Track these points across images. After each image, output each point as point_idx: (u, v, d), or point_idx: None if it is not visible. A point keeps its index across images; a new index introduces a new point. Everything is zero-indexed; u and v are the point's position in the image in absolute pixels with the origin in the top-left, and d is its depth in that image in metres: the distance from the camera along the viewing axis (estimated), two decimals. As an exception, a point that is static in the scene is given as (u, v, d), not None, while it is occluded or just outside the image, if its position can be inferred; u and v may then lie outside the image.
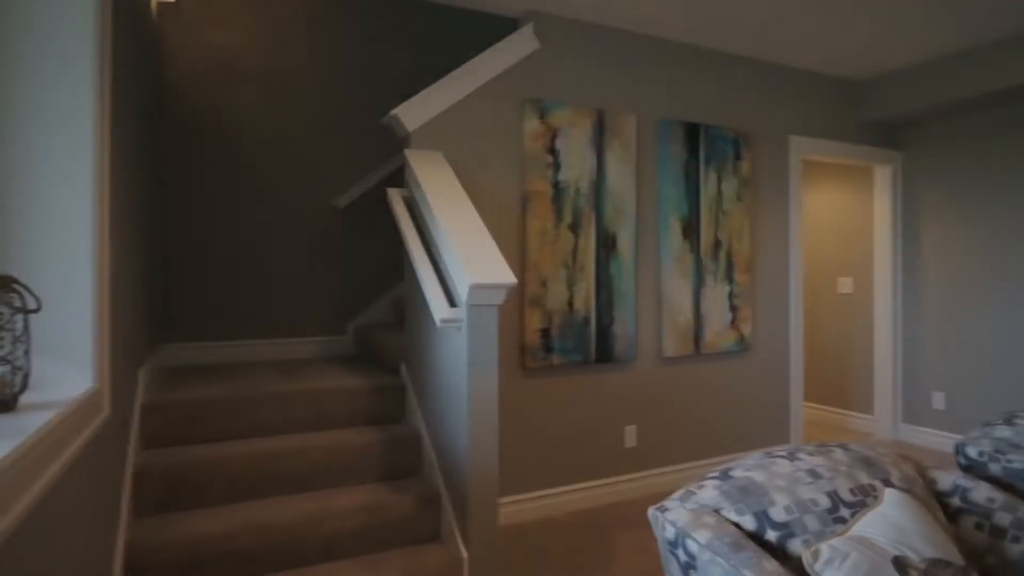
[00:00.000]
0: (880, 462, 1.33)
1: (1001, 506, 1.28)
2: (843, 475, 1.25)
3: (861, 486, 1.24)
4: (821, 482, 1.22)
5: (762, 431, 3.78)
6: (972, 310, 3.95)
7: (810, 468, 1.26)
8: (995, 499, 1.30)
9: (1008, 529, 1.25)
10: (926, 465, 1.44)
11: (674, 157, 3.43)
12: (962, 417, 4.00)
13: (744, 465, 1.29)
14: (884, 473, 1.30)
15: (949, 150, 4.08)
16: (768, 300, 3.80)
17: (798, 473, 1.24)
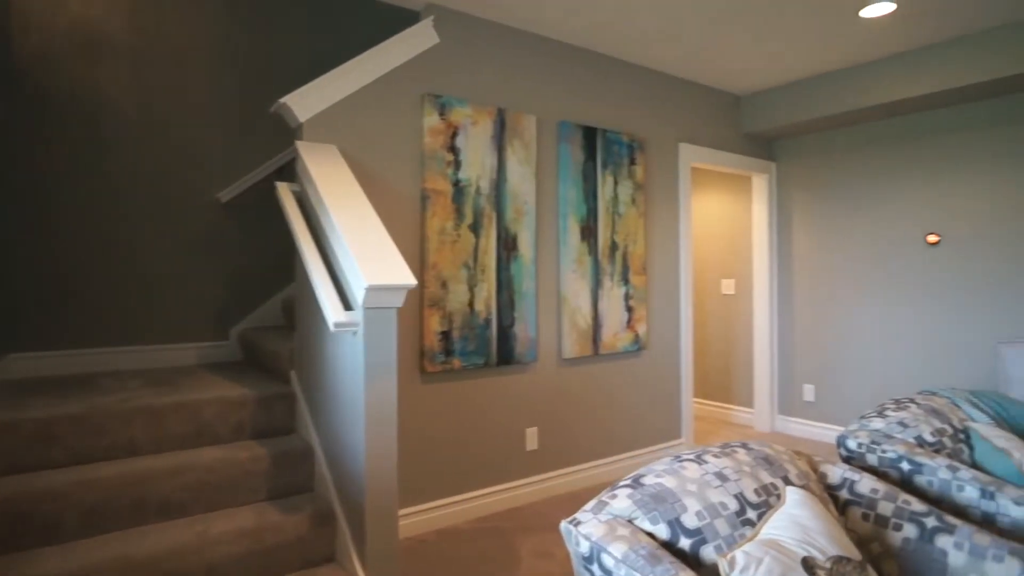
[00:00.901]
0: (778, 460, 1.38)
1: (883, 496, 1.37)
2: (747, 475, 1.28)
3: (764, 486, 1.27)
4: (728, 484, 1.24)
5: (656, 428, 3.92)
6: (836, 308, 4.34)
7: (717, 471, 1.27)
8: (878, 490, 1.39)
9: (890, 518, 1.33)
10: (817, 460, 1.52)
11: (573, 159, 3.47)
12: (829, 407, 4.38)
13: (654, 471, 1.29)
14: (783, 471, 1.34)
15: (816, 162, 4.45)
16: (661, 301, 3.95)
17: (706, 476, 1.25)
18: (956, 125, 3.73)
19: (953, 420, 1.83)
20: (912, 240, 3.93)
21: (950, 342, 3.76)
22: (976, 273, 3.65)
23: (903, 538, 1.29)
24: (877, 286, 4.10)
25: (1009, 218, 3.52)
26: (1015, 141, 3.49)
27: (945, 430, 1.76)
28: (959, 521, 1.27)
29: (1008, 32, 3.15)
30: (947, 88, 3.39)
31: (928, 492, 1.55)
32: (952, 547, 1.23)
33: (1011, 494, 1.43)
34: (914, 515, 1.31)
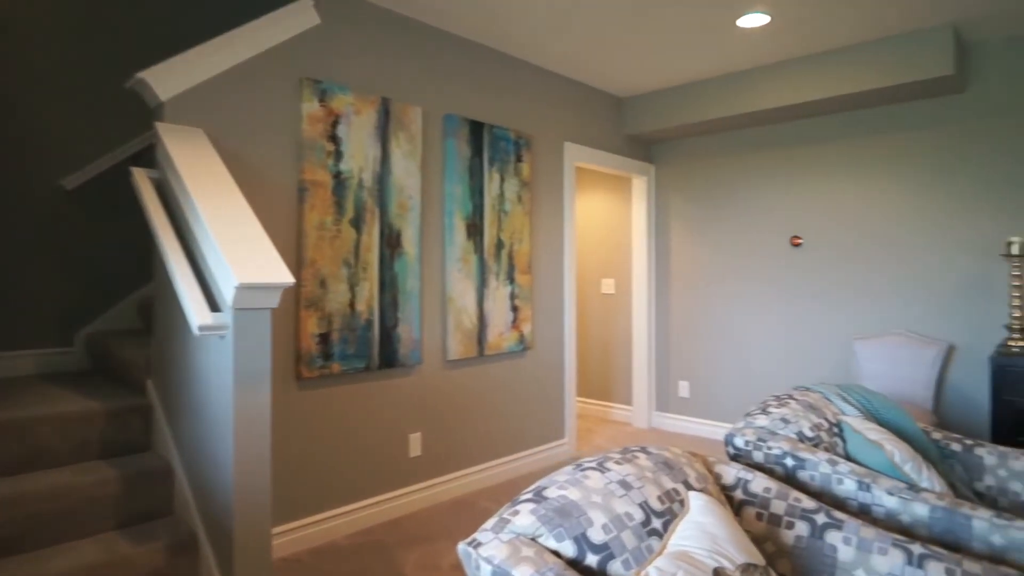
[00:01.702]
0: (678, 463, 1.35)
1: (776, 495, 1.40)
2: (650, 482, 1.24)
3: (667, 492, 1.24)
4: (633, 492, 1.19)
5: (541, 429, 3.91)
6: (710, 308, 4.59)
7: (620, 479, 1.22)
8: (771, 488, 1.41)
9: (783, 516, 1.36)
10: (711, 461, 1.52)
11: (459, 154, 3.35)
12: (703, 403, 4.62)
13: (557, 482, 1.20)
14: (683, 475, 1.32)
15: (692, 166, 4.68)
16: (546, 301, 3.95)
17: (611, 485, 1.19)
18: (818, 135, 4.07)
19: (827, 414, 1.93)
20: (778, 242, 4.24)
21: (813, 338, 4.10)
22: (834, 274, 4.01)
23: (795, 536, 1.32)
24: (747, 286, 4.39)
25: (862, 223, 3.89)
26: (867, 152, 3.86)
27: (822, 425, 1.86)
28: (846, 516, 1.32)
29: (871, 49, 3.47)
30: (813, 99, 3.67)
31: (810, 486, 1.61)
32: (841, 542, 1.27)
33: (884, 485, 1.52)
34: (805, 512, 1.34)
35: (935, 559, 1.17)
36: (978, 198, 3.47)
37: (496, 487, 3.50)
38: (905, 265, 3.71)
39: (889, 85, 3.38)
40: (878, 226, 3.80)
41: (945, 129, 3.57)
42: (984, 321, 3.45)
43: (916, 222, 3.67)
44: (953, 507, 1.42)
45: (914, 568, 1.17)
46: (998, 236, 3.41)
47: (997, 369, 3.07)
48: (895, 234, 3.74)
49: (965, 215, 3.51)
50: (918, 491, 1.49)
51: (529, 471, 3.78)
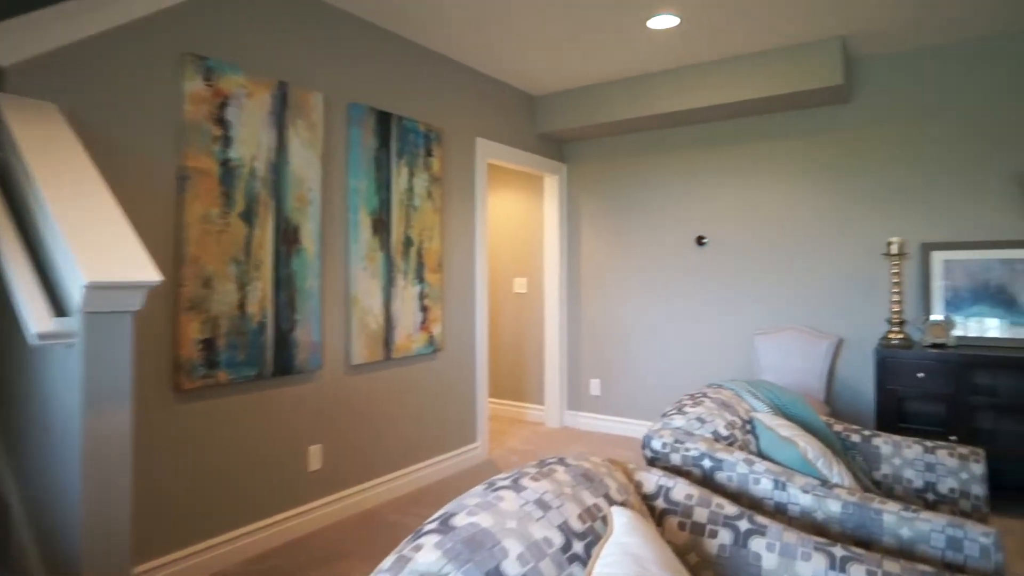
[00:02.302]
0: (598, 475, 1.26)
1: (698, 502, 1.34)
2: (570, 499, 1.13)
3: (588, 508, 1.14)
4: (551, 513, 1.08)
5: (453, 433, 3.77)
6: (620, 306, 4.62)
7: (538, 498, 1.10)
8: (692, 495, 1.35)
9: (706, 524, 1.30)
10: (631, 468, 1.45)
11: (365, 146, 3.15)
12: (614, 400, 4.65)
13: (466, 507, 1.07)
14: (604, 487, 1.23)
15: (603, 166, 4.69)
16: (457, 300, 3.81)
17: (527, 507, 1.07)
18: (721, 139, 4.18)
19: (740, 412, 1.93)
20: (684, 242, 4.33)
21: (717, 334, 4.21)
22: (736, 272, 4.14)
23: (719, 545, 1.26)
24: (655, 284, 4.45)
25: (761, 224, 4.03)
26: (765, 156, 4.01)
27: (735, 422, 1.84)
28: (768, 520, 1.28)
29: (770, 57, 3.58)
30: (717, 103, 3.76)
31: (728, 487, 1.58)
32: (765, 549, 1.22)
33: (799, 483, 1.51)
34: (728, 519, 1.29)
35: (857, 561, 1.15)
36: (863, 202, 3.69)
37: (406, 497, 3.32)
38: (800, 264, 3.88)
39: (786, 92, 3.51)
40: (775, 227, 3.96)
41: (834, 137, 3.77)
42: (868, 316, 3.67)
43: (809, 224, 3.85)
44: (864, 503, 1.42)
45: (837, 572, 1.14)
46: (881, 237, 3.64)
47: (881, 360, 3.26)
48: (790, 235, 3.91)
49: (851, 218, 3.72)
50: (831, 487, 1.49)
51: (441, 478, 3.63)
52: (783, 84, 3.52)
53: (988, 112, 3.35)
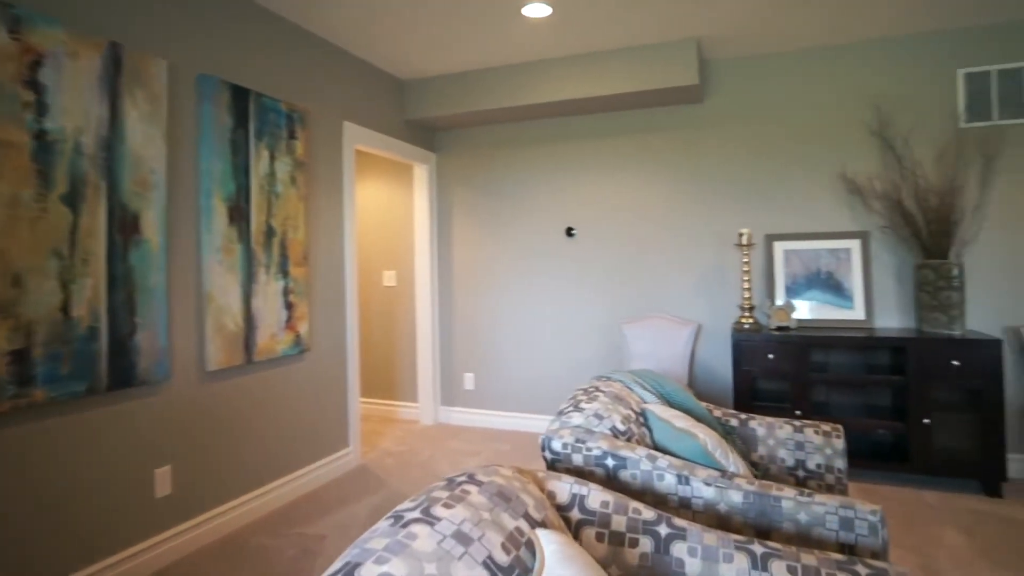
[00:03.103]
0: (513, 491, 1.17)
1: (615, 509, 1.30)
2: (490, 526, 1.03)
3: (510, 535, 1.04)
4: (473, 548, 0.96)
5: (323, 439, 3.50)
6: (493, 298, 4.58)
7: (455, 530, 0.98)
8: (608, 502, 1.31)
9: (626, 533, 1.26)
10: (541, 477, 1.37)
11: (219, 124, 2.78)
12: (488, 394, 4.61)
13: (374, 554, 0.90)
14: (522, 505, 1.14)
15: (475, 156, 4.60)
16: (325, 295, 3.53)
17: (445, 544, 0.94)
18: (590, 131, 4.26)
19: (632, 404, 1.94)
20: (555, 233, 4.38)
21: (588, 323, 4.32)
22: (605, 263, 4.26)
23: (640, 554, 1.23)
24: (527, 275, 4.46)
25: (627, 215, 4.17)
26: (630, 150, 4.15)
27: (630, 416, 1.85)
28: (686, 522, 1.27)
29: (635, 54, 3.68)
30: (587, 96, 3.82)
31: (632, 485, 1.57)
32: (687, 554, 1.21)
33: (701, 476, 1.53)
34: (647, 525, 1.26)
35: (777, 557, 1.17)
36: (717, 195, 3.96)
37: (273, 515, 3.02)
38: (662, 254, 4.09)
39: (648, 89, 3.66)
40: (640, 219, 4.14)
41: (690, 135, 4.00)
42: (723, 302, 3.96)
43: (670, 216, 4.07)
44: (763, 491, 1.48)
45: (759, 571, 1.16)
46: (732, 229, 3.93)
47: (737, 344, 3.52)
48: (654, 226, 4.10)
49: (707, 211, 3.98)
50: (731, 478, 1.53)
51: (312, 489, 3.36)
52: (646, 81, 3.65)
53: (819, 116, 3.73)
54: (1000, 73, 3.40)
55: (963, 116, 3.46)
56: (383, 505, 3.13)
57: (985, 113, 3.42)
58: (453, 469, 3.64)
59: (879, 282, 3.66)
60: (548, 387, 4.43)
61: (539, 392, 4.46)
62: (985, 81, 3.42)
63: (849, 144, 3.68)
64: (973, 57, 3.44)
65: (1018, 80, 3.37)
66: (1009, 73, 3.38)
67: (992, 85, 3.40)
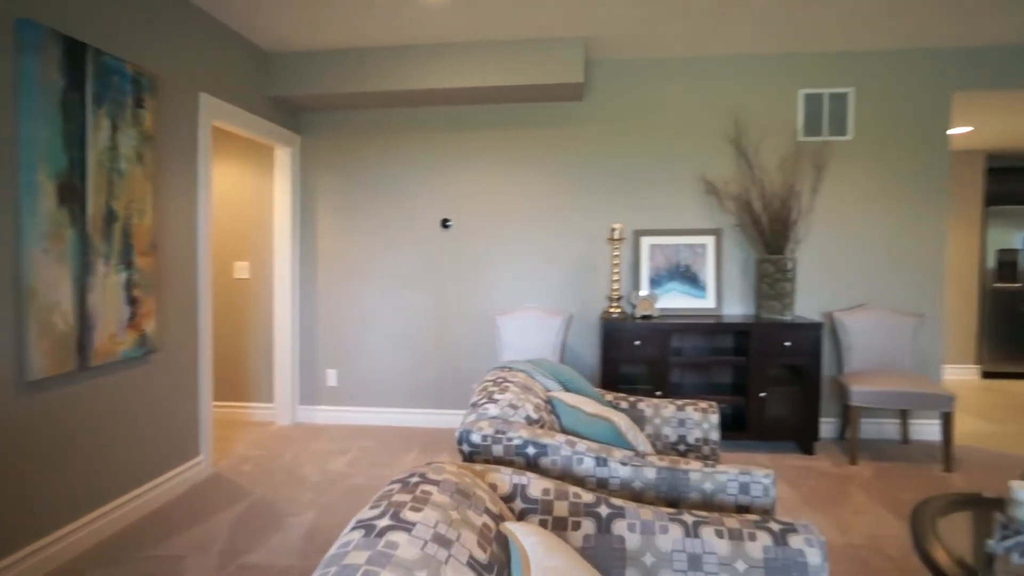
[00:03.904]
0: (468, 488, 1.12)
1: (556, 495, 1.30)
2: (462, 524, 0.98)
3: (482, 531, 1.00)
4: (455, 549, 0.91)
5: (171, 449, 3.12)
6: (361, 290, 4.38)
7: (433, 534, 0.91)
8: (549, 489, 1.31)
9: (568, 518, 1.26)
10: (480, 470, 1.33)
11: (47, 83, 2.34)
12: (353, 389, 4.40)
13: (359, 570, 0.80)
14: (481, 501, 1.09)
15: (346, 141, 4.36)
16: (175, 290, 3.14)
17: (429, 549, 0.88)
18: (470, 122, 4.23)
19: (539, 393, 1.96)
20: (431, 224, 4.29)
21: (463, 315, 4.29)
22: (480, 254, 4.26)
23: (584, 536, 1.24)
24: (400, 267, 4.33)
25: (502, 208, 4.21)
26: (509, 143, 4.19)
27: (540, 405, 1.86)
28: (622, 501, 1.30)
29: (526, 47, 3.71)
30: (472, 86, 3.78)
31: (552, 472, 1.59)
32: (627, 531, 1.24)
33: (617, 456, 1.59)
34: (588, 508, 1.28)
35: (705, 524, 1.25)
36: (590, 191, 4.14)
37: (115, 539, 2.63)
38: (537, 247, 4.20)
39: (536, 83, 3.72)
40: (516, 212, 4.20)
41: (569, 131, 4.15)
42: (592, 293, 4.16)
43: (546, 210, 4.18)
44: (674, 466, 1.57)
45: (692, 538, 1.22)
46: (604, 224, 4.14)
47: (606, 332, 3.72)
48: (529, 219, 4.19)
49: (581, 206, 4.15)
50: (644, 456, 1.60)
51: (159, 505, 2.98)
52: (534, 75, 3.71)
53: (685, 122, 4.05)
54: (831, 96, 3.94)
55: (801, 131, 3.97)
56: (248, 516, 2.86)
57: (817, 129, 3.95)
58: (321, 471, 3.43)
59: (728, 274, 4.07)
60: (419, 380, 4.34)
61: (409, 385, 4.36)
62: (819, 102, 3.95)
63: (709, 149, 4.05)
64: (811, 80, 3.95)
65: (843, 103, 3.94)
66: (837, 96, 3.94)
67: (824, 106, 3.94)
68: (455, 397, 4.33)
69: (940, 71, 3.87)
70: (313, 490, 3.17)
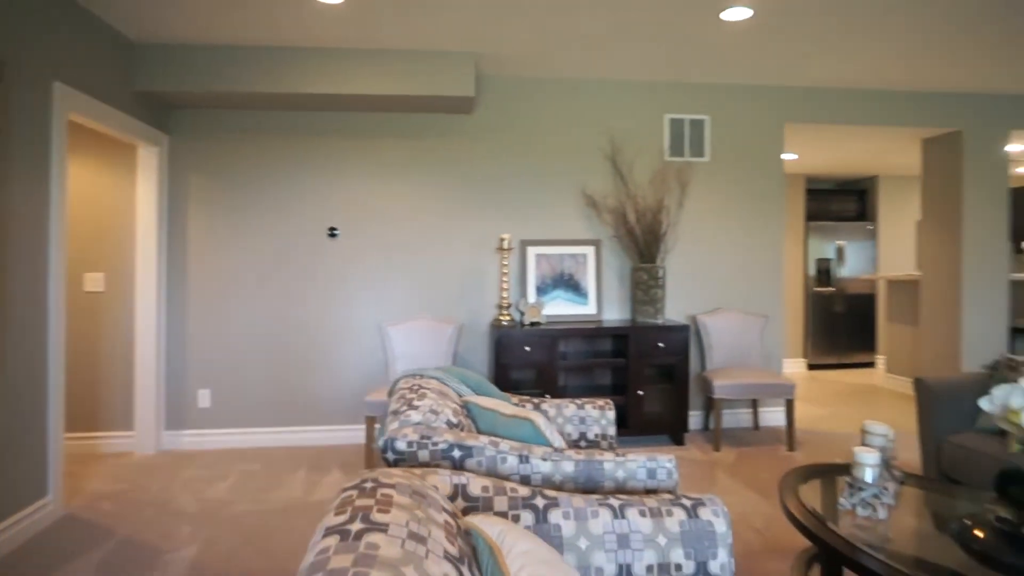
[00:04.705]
0: (422, 488, 1.15)
1: (495, 492, 1.36)
2: (428, 522, 1.00)
3: (446, 527, 1.03)
4: (430, 544, 0.93)
5: (12, 491, 2.74)
6: (240, 303, 4.12)
7: (408, 532, 0.93)
8: (488, 487, 1.36)
9: (508, 512, 1.33)
10: (419, 472, 1.36)
11: None
12: (227, 411, 4.12)
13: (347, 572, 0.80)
14: (435, 500, 1.13)
15: (220, 142, 4.09)
16: (21, 305, 2.78)
17: (407, 545, 0.88)
18: (359, 129, 4.14)
19: (454, 398, 2.01)
20: (317, 233, 4.15)
21: (351, 327, 4.19)
22: (369, 265, 4.19)
23: (524, 527, 1.31)
24: (284, 278, 4.14)
25: (392, 218, 4.18)
26: (400, 152, 4.17)
27: (457, 409, 1.91)
28: (555, 492, 1.39)
29: (418, 58, 3.72)
30: (361, 93, 3.73)
31: (478, 472, 1.65)
32: (562, 519, 1.33)
33: (538, 453, 1.68)
34: (525, 501, 1.35)
35: (630, 506, 1.37)
36: (479, 203, 4.25)
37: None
38: (427, 257, 4.22)
39: (429, 95, 3.76)
40: (406, 222, 4.20)
41: (458, 143, 4.22)
42: (481, 302, 4.27)
43: (436, 220, 4.22)
44: (590, 458, 1.70)
45: (620, 519, 1.34)
46: (493, 234, 4.27)
47: (498, 339, 3.84)
48: (420, 229, 4.21)
49: (470, 215, 4.25)
50: (562, 452, 1.71)
51: None
52: (427, 86, 3.74)
53: (569, 139, 4.29)
54: (691, 121, 4.39)
55: (667, 151, 4.37)
56: (114, 559, 2.56)
57: (681, 151, 4.38)
58: (198, 501, 3.18)
59: (607, 282, 4.36)
60: (304, 396, 4.18)
61: (293, 402, 4.17)
62: (681, 126, 4.38)
63: (590, 165, 4.33)
64: (675, 106, 4.37)
65: (701, 128, 4.41)
66: (696, 122, 4.40)
67: (686, 130, 4.38)
68: (343, 412, 4.22)
69: (775, 105, 4.47)
70: (191, 523, 2.92)
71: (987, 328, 4.79)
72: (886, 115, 4.58)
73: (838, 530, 1.71)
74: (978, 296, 4.77)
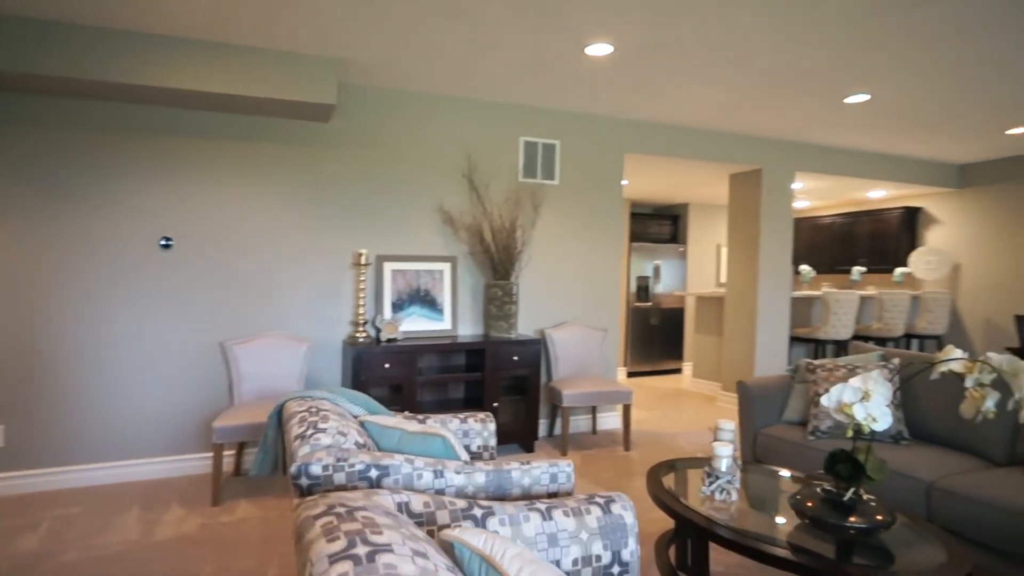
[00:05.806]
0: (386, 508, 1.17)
1: (436, 506, 1.38)
2: (415, 538, 1.01)
3: (430, 542, 1.07)
4: (432, 558, 0.95)
5: None
6: (47, 323, 3.52)
7: (411, 548, 0.93)
8: (429, 502, 1.38)
9: (450, 524, 1.36)
10: (366, 493, 1.35)
11: None
12: (27, 448, 3.50)
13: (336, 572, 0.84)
14: (406, 521, 1.15)
15: (24, 134, 3.45)
16: None
17: (418, 561, 0.89)
18: (200, 130, 3.76)
19: (350, 418, 1.98)
20: (148, 243, 3.70)
21: (189, 346, 3.79)
22: (210, 278, 3.83)
23: (468, 535, 1.37)
24: (105, 293, 3.62)
25: (238, 228, 3.87)
26: (247, 157, 3.86)
27: (359, 430, 1.90)
28: (489, 502, 1.46)
29: (272, 58, 3.48)
30: (206, 90, 3.42)
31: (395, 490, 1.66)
32: (499, 525, 1.40)
33: (452, 467, 1.74)
34: (464, 512, 1.40)
35: (555, 508, 1.49)
36: (333, 216, 4.12)
37: None
38: (276, 271, 3.99)
39: (285, 98, 3.55)
40: (252, 233, 3.93)
41: (311, 152, 4.06)
42: (334, 318, 4.14)
43: (288, 232, 4.01)
44: (499, 468, 1.79)
45: (548, 520, 1.46)
46: (348, 249, 4.16)
47: (356, 357, 3.76)
48: (267, 242, 3.96)
49: (326, 230, 4.10)
50: (473, 464, 1.79)
51: None
52: (286, 90, 3.53)
53: (426, 154, 4.33)
54: (543, 145, 4.69)
55: (521, 172, 4.62)
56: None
57: (533, 172, 4.66)
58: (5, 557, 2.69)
59: (462, 298, 4.48)
60: (130, 425, 3.69)
61: (117, 433, 3.67)
62: (535, 149, 4.66)
63: (447, 182, 4.41)
64: (529, 129, 4.64)
65: (552, 152, 4.73)
66: (548, 146, 4.71)
67: (539, 153, 4.67)
68: (179, 440, 3.80)
69: (617, 135, 4.97)
70: (-2, 581, 2.48)
71: (774, 337, 5.77)
72: (704, 151, 5.32)
73: (708, 513, 2.01)
74: (769, 310, 5.73)
